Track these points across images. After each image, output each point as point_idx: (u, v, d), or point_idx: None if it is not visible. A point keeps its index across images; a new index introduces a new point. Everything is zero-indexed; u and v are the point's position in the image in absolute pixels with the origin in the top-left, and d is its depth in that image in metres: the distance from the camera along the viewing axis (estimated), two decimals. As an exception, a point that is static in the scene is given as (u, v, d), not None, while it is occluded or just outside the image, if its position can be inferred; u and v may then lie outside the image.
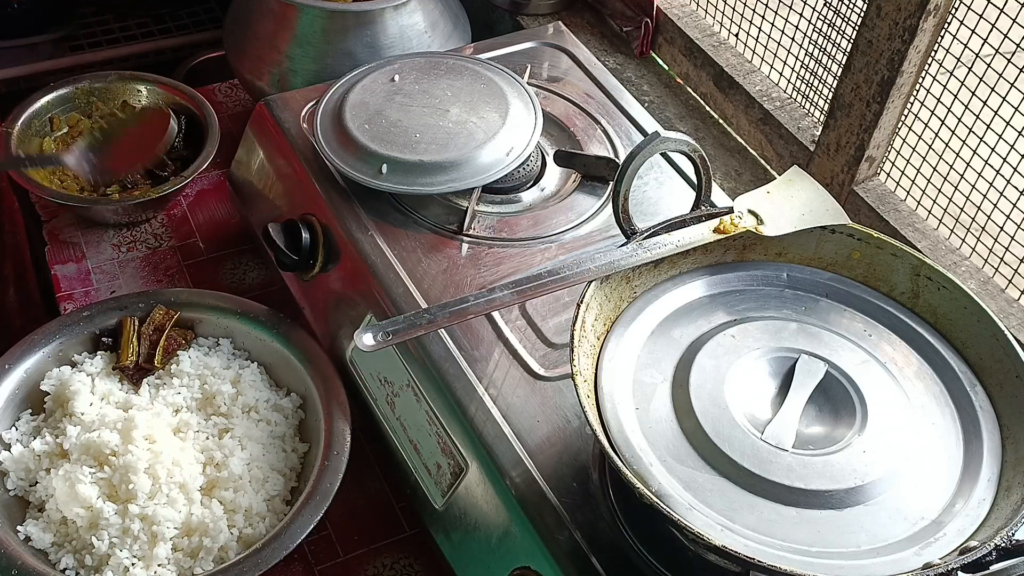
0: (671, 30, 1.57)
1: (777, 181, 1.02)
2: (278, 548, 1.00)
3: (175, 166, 1.39)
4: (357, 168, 1.15)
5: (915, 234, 1.25)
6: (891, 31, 1.17)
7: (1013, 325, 1.16)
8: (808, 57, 1.37)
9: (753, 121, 1.46)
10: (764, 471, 0.82)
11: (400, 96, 1.22)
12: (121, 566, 1.00)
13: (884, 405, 0.88)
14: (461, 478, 0.98)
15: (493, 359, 1.02)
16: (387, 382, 1.08)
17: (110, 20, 2.05)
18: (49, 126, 1.40)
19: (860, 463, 0.83)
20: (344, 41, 1.39)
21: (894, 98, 1.21)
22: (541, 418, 0.98)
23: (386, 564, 1.10)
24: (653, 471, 0.82)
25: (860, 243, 0.97)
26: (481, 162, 1.16)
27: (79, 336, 1.16)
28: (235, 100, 1.61)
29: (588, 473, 0.94)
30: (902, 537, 0.80)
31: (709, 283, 0.98)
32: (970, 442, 0.87)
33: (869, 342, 0.94)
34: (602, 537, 0.90)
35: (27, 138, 1.36)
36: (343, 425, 1.10)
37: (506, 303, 0.90)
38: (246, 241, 1.39)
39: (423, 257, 1.12)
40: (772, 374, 0.91)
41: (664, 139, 0.97)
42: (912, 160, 1.25)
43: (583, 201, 1.20)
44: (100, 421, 1.07)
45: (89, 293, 1.32)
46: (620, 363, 0.90)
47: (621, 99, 1.34)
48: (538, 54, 1.40)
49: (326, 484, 1.05)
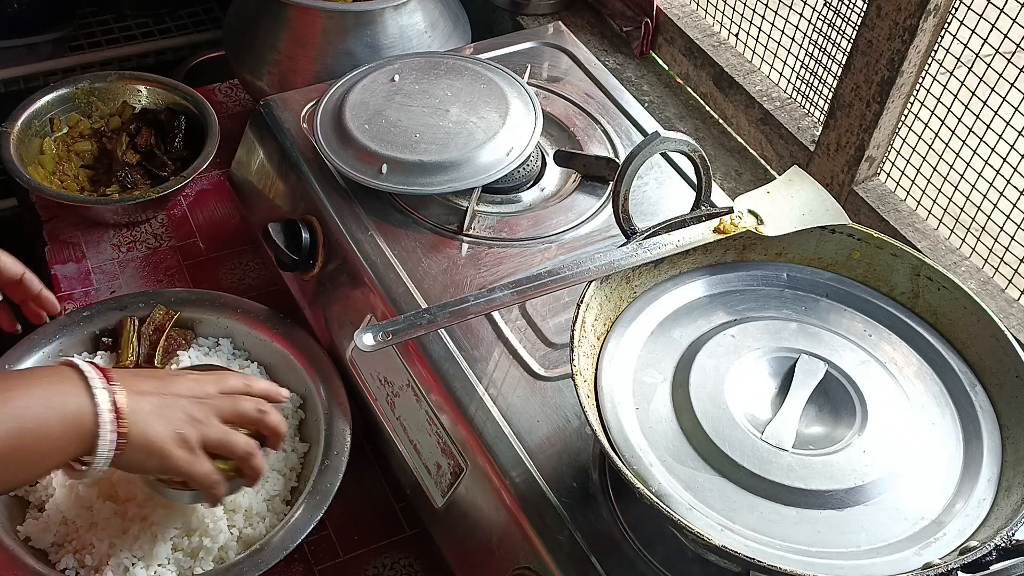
0: (671, 30, 1.57)
1: (777, 181, 1.02)
2: (278, 548, 1.00)
3: (175, 166, 1.39)
4: (357, 168, 1.15)
5: (915, 234, 1.25)
6: (891, 31, 1.17)
7: (1013, 325, 1.16)
8: (808, 57, 1.37)
9: (753, 121, 1.46)
10: (764, 471, 0.82)
11: (400, 96, 1.22)
12: (121, 566, 1.00)
13: (884, 405, 0.88)
14: (461, 478, 0.98)
15: (493, 359, 1.02)
16: (387, 382, 1.08)
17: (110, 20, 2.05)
18: (49, 126, 1.40)
19: (860, 463, 0.83)
20: (344, 41, 1.39)
21: (894, 98, 1.21)
22: (541, 418, 0.98)
23: (386, 564, 1.10)
24: (653, 471, 0.82)
25: (860, 243, 0.97)
26: (481, 162, 1.16)
27: (79, 336, 1.16)
28: (235, 100, 1.61)
29: (588, 473, 0.94)
30: (902, 537, 0.80)
31: (709, 283, 0.98)
32: (970, 442, 0.87)
33: (869, 342, 0.94)
34: (602, 537, 0.90)
35: (27, 138, 1.36)
36: (343, 425, 1.10)
37: (506, 303, 0.90)
38: (246, 241, 1.39)
39: (423, 257, 1.12)
40: (772, 374, 0.91)
41: (664, 139, 0.97)
42: (912, 160, 1.25)
43: (583, 201, 1.20)
44: (100, 421, 1.07)
45: (89, 293, 1.31)
46: (620, 363, 0.90)
47: (621, 99, 1.34)
48: (538, 54, 1.40)
49: (326, 484, 1.05)
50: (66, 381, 0.83)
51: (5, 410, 0.78)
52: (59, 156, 1.38)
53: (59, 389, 0.82)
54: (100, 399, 0.82)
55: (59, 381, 0.83)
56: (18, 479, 0.82)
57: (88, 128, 1.42)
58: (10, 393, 0.79)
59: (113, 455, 0.84)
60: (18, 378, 0.83)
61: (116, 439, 0.83)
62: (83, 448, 0.83)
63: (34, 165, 1.35)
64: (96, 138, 1.41)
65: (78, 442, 0.82)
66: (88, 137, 1.41)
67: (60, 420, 0.81)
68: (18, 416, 0.78)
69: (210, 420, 0.92)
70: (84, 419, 0.82)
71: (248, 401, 0.96)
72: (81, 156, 1.40)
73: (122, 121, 1.42)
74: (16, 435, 0.77)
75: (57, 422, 0.80)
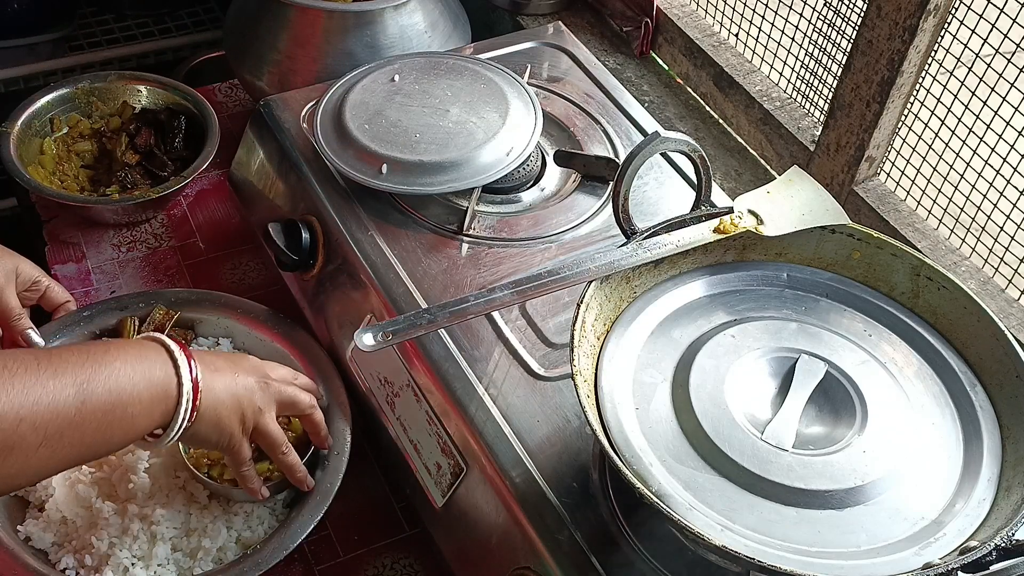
0: (671, 30, 1.57)
1: (777, 181, 1.02)
2: (278, 548, 1.00)
3: (175, 166, 1.39)
4: (357, 168, 1.15)
5: (915, 234, 1.25)
6: (891, 31, 1.17)
7: (1013, 325, 1.16)
8: (808, 57, 1.37)
9: (753, 121, 1.46)
10: (764, 471, 0.82)
11: (400, 96, 1.22)
12: (121, 566, 1.00)
13: (884, 405, 0.88)
14: (461, 478, 0.98)
15: (493, 359, 1.02)
16: (387, 382, 1.08)
17: (110, 20, 2.05)
18: (49, 126, 1.40)
19: (860, 463, 0.83)
20: (344, 41, 1.39)
21: (894, 98, 1.21)
22: (541, 418, 0.98)
23: (386, 564, 1.10)
24: (653, 471, 0.82)
25: (860, 243, 0.97)
26: (481, 162, 1.16)
27: (79, 336, 1.16)
28: (235, 100, 1.61)
29: (588, 473, 0.94)
30: (902, 537, 0.80)
31: (709, 283, 0.98)
32: (970, 442, 0.87)
33: (869, 342, 0.94)
34: (602, 537, 0.90)
35: (27, 138, 1.36)
36: (343, 425, 1.10)
37: (506, 303, 0.90)
38: (246, 241, 1.39)
39: (423, 257, 1.12)
40: (772, 374, 0.91)
41: (664, 139, 0.97)
42: (912, 160, 1.25)
43: (583, 201, 1.20)
44: (100, 421, 1.07)
45: (89, 293, 1.31)
46: (620, 363, 0.90)
47: (621, 99, 1.34)
48: (538, 54, 1.40)
49: (326, 484, 1.05)
50: (153, 351, 0.87)
51: (105, 373, 0.81)
52: (59, 156, 1.38)
53: (148, 357, 0.86)
54: (183, 371, 0.87)
55: (147, 351, 0.87)
56: (111, 444, 0.84)
57: (88, 128, 1.42)
58: (109, 356, 0.82)
59: (185, 427, 0.89)
60: (112, 345, 0.86)
61: (191, 411, 0.88)
62: (165, 418, 0.87)
63: (34, 165, 1.35)
64: (96, 138, 1.41)
65: (162, 410, 0.86)
66: (88, 137, 1.41)
67: (148, 387, 0.84)
68: (115, 378, 0.81)
69: (270, 406, 0.98)
70: (168, 388, 0.86)
71: (303, 394, 1.02)
72: (81, 156, 1.40)
73: (122, 121, 1.42)
74: (116, 396, 0.80)
75: (145, 388, 0.84)
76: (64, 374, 0.77)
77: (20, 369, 0.75)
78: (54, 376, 0.77)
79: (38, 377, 0.76)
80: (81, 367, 0.79)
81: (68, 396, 0.77)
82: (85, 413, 0.78)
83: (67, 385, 0.77)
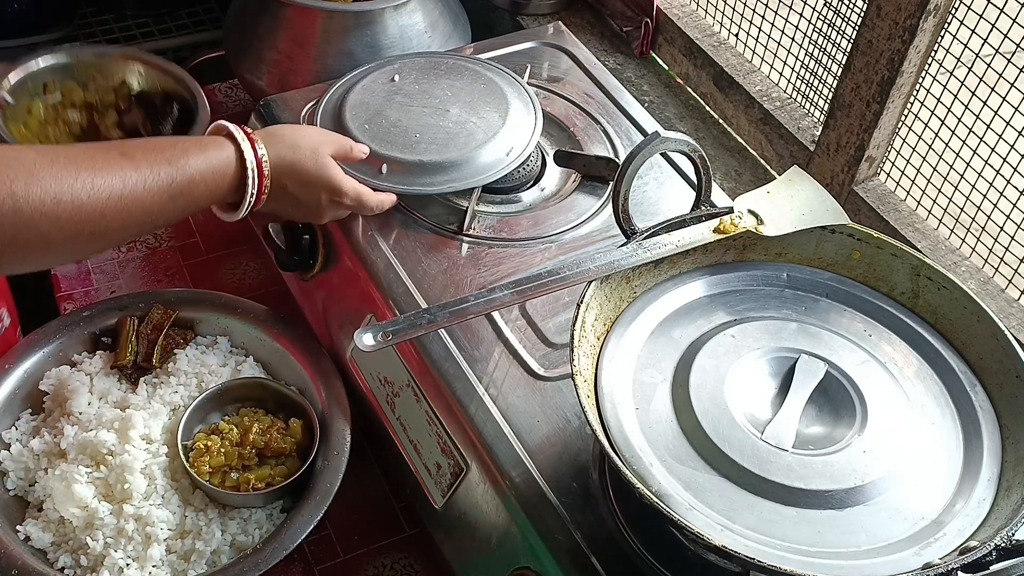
0: (671, 30, 1.57)
1: (777, 181, 1.02)
2: (278, 548, 1.00)
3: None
4: (357, 168, 1.15)
5: (915, 234, 1.25)
6: (891, 31, 1.17)
7: (1013, 325, 1.16)
8: (808, 57, 1.37)
9: (753, 121, 1.46)
10: (764, 471, 0.82)
11: (400, 96, 1.22)
12: (116, 566, 1.00)
13: (884, 405, 0.88)
14: (461, 478, 0.98)
15: (493, 359, 1.02)
16: (387, 382, 1.08)
17: (110, 20, 2.05)
18: (42, 90, 1.38)
19: (860, 463, 0.83)
20: (344, 41, 1.39)
21: (894, 98, 1.21)
22: (541, 418, 0.98)
23: (386, 564, 1.10)
24: (653, 471, 0.82)
25: (860, 243, 0.97)
26: (481, 162, 1.16)
27: (79, 336, 1.16)
28: (235, 100, 1.61)
29: (588, 473, 0.94)
30: (902, 537, 0.80)
31: (709, 283, 0.98)
32: (970, 442, 0.87)
33: (869, 342, 0.94)
34: (602, 537, 0.90)
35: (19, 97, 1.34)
36: (343, 425, 1.10)
37: (506, 303, 0.90)
38: (246, 241, 1.39)
39: (423, 257, 1.12)
40: (772, 374, 0.91)
41: (664, 139, 0.97)
42: (912, 160, 1.25)
43: (583, 201, 1.20)
44: (97, 420, 1.07)
45: (89, 293, 1.32)
46: (620, 363, 0.90)
47: (621, 99, 1.34)
48: (538, 54, 1.40)
49: (326, 484, 1.05)
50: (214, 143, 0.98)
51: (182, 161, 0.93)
52: (46, 120, 1.36)
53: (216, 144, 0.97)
54: (247, 154, 0.98)
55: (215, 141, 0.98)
56: (178, 216, 0.96)
57: (81, 99, 1.39)
58: (177, 150, 0.93)
59: (255, 200, 1.00)
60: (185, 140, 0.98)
61: (259, 186, 0.99)
62: (235, 193, 0.99)
63: (16, 123, 1.33)
64: (87, 110, 1.39)
65: (224, 189, 0.98)
66: (79, 107, 1.39)
67: (213, 171, 0.96)
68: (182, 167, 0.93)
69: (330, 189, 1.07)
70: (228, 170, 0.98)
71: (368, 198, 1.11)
72: (69, 126, 1.38)
73: (116, 98, 1.41)
74: (188, 181, 0.93)
75: (211, 172, 0.96)
76: (142, 167, 0.89)
77: (103, 163, 0.86)
78: (136, 169, 0.88)
79: (121, 168, 0.87)
80: (156, 161, 0.91)
81: (146, 184, 0.89)
82: (157, 196, 0.90)
83: (145, 176, 0.89)
